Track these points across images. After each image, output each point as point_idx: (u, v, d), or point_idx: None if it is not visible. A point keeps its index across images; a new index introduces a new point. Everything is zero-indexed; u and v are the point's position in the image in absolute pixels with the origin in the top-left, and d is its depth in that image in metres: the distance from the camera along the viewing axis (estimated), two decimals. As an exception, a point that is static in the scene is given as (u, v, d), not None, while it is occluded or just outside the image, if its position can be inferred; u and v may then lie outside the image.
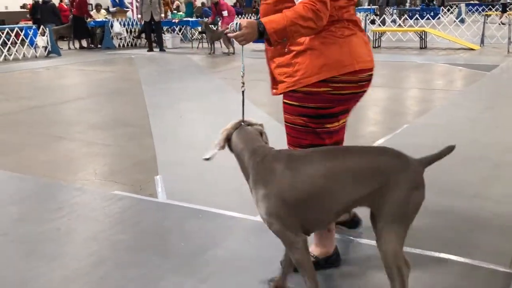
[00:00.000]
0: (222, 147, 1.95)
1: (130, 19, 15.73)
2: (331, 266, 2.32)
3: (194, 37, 16.89)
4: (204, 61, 11.63)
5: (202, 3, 20.63)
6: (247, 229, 2.89)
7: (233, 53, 12.72)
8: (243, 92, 2.13)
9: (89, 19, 15.28)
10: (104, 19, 15.50)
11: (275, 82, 2.21)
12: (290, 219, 1.74)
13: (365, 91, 2.13)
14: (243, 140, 1.95)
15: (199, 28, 15.41)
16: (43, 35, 13.25)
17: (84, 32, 15.19)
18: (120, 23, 15.19)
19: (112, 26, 15.02)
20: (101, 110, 6.35)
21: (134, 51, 14.15)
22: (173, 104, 6.59)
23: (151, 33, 14.23)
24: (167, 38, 15.10)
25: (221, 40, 13.22)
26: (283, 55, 2.05)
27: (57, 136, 5.04)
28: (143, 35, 15.38)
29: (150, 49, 14.01)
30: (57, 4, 19.06)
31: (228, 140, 1.96)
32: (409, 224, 1.74)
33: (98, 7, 16.58)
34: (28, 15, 17.69)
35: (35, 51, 13.12)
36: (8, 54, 12.60)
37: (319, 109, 2.10)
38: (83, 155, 4.45)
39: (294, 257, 1.79)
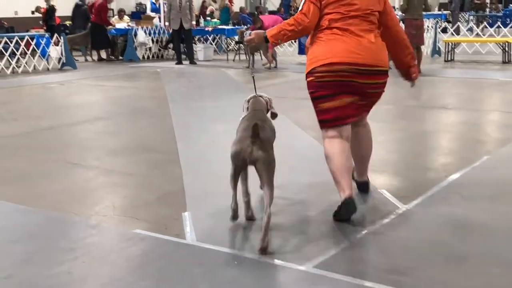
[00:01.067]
0: (245, 110, 3.70)
1: (156, 26, 16.13)
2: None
3: (230, 48, 17.18)
4: (241, 76, 11.79)
5: (241, 8, 20.94)
6: (291, 281, 2.87)
7: (275, 67, 12.84)
8: (253, 77, 4.39)
9: (109, 27, 15.77)
10: (127, 27, 15.95)
11: None
12: None
13: (352, 81, 3.52)
14: (251, 105, 3.68)
15: (236, 38, 15.66)
16: (57, 45, 13.73)
17: (104, 42, 15.67)
18: (145, 31, 15.61)
19: (135, 35, 15.45)
20: (122, 133, 6.50)
21: (161, 64, 14.49)
22: (205, 126, 6.68)
23: (180, 43, 14.56)
24: (199, 49, 15.42)
25: (261, 52, 13.39)
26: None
27: (71, 163, 5.18)
28: (171, 46, 15.75)
29: (179, 62, 14.32)
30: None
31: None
32: None
33: (121, 13, 17.07)
34: (41, 22, 18.35)
35: (47, 63, 13.61)
36: (16, 66, 13.09)
37: (311, 93, 3.70)
38: (100, 185, 4.55)
39: (272, 191, 3.20)
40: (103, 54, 15.98)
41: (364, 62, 3.52)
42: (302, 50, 14.03)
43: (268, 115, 3.77)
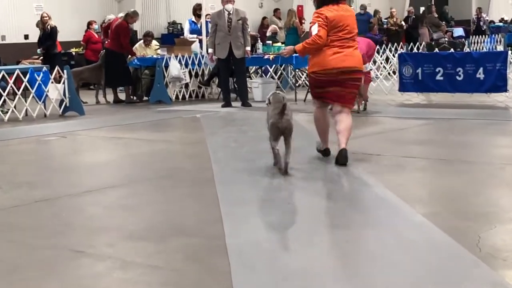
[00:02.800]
0: (267, 103, 7.96)
1: (196, 55, 16.46)
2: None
3: (300, 83, 17.32)
4: (307, 124, 11.71)
5: (314, 27, 21.28)
6: None
7: (364, 110, 12.85)
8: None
9: (130, 57, 16.18)
10: (155, 56, 16.34)
11: None
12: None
13: (337, 78, 8.02)
14: (273, 99, 7.82)
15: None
16: (58, 82, 14.03)
17: (123, 77, 16.12)
18: (180, 61, 15.96)
19: (167, 66, 15.82)
20: (145, 208, 6.58)
21: (201, 107, 14.76)
22: (264, 198, 6.70)
23: (228, 78, 14.79)
24: (255, 85, 15.63)
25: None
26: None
27: (74, 250, 5.24)
28: (215, 80, 16.02)
29: (227, 104, 14.52)
30: (82, 31, 20.53)
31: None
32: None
33: (147, 37, 17.43)
34: (39, 50, 18.82)
35: (45, 107, 13.99)
36: (2, 112, 13.55)
37: (311, 84, 8.58)
38: (115, 283, 4.59)
39: (291, 144, 7.63)
40: (122, 94, 16.38)
41: (346, 65, 8.04)
42: (406, 86, 14.02)
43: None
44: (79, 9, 22.38)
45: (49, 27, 17.95)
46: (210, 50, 14.74)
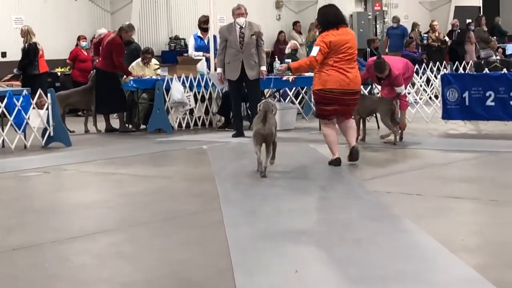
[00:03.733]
0: (258, 110, 10.64)
1: (202, 75, 16.46)
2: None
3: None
4: (343, 157, 11.81)
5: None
6: None
7: (401, 140, 12.78)
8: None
9: (125, 78, 16.23)
10: (154, 77, 16.34)
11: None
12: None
13: (340, 97, 10.84)
14: (262, 107, 10.42)
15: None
16: (41, 108, 13.97)
17: (116, 102, 16.15)
18: (183, 83, 15.95)
19: (168, 89, 15.80)
20: (142, 257, 6.56)
21: (208, 137, 14.82)
22: (281, 245, 6.68)
23: (240, 103, 14.77)
24: (272, 111, 15.62)
25: (378, 116, 13.43)
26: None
27: (58, 308, 5.24)
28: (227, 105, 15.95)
29: (239, 133, 14.51)
30: (69, 47, 20.63)
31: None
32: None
33: (146, 55, 17.30)
34: (15, 70, 19.00)
35: (25, 137, 13.98)
36: (-26, 143, 13.53)
37: (317, 100, 11.28)
38: None
39: (275, 147, 10.40)
40: (115, 122, 16.38)
41: (347, 87, 10.69)
42: (450, 113, 13.96)
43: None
44: (66, 21, 22.52)
45: (27, 44, 18.05)
46: (219, 70, 14.67)
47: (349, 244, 6.72)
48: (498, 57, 25.52)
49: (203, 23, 17.55)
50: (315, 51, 10.68)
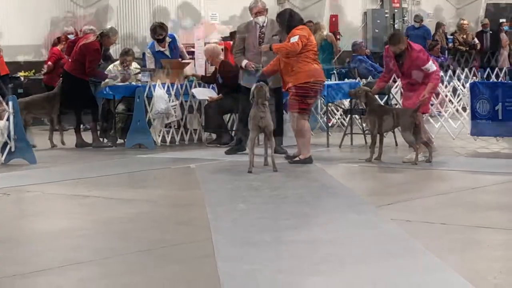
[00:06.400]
0: (251, 98, 13.16)
1: (191, 81, 16.45)
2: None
3: (334, 121, 17.49)
4: (345, 179, 11.87)
5: (355, 45, 21.27)
6: None
7: (430, 162, 12.71)
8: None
9: (104, 82, 16.20)
10: (134, 83, 16.30)
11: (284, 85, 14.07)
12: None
13: (320, 88, 14.10)
14: (256, 94, 12.80)
15: (345, 102, 15.89)
16: (1, 118, 13.91)
17: (86, 111, 16.17)
18: (168, 90, 15.96)
19: (150, 97, 15.81)
20: (120, 294, 6.58)
21: (197, 154, 14.81)
22: (283, 284, 6.69)
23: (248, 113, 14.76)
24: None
25: (399, 131, 13.37)
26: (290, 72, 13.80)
27: None
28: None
29: (239, 147, 14.46)
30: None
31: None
32: None
33: (126, 57, 17.29)
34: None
35: (-19, 152, 13.95)
36: None
37: (303, 93, 13.50)
38: None
39: (273, 142, 13.15)
40: (87, 136, 16.34)
41: (323, 78, 14.21)
42: (480, 128, 13.92)
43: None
44: (31, 17, 22.09)
45: None
46: (244, 61, 14.29)
47: (364, 284, 6.73)
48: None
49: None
50: (295, 38, 12.94)
